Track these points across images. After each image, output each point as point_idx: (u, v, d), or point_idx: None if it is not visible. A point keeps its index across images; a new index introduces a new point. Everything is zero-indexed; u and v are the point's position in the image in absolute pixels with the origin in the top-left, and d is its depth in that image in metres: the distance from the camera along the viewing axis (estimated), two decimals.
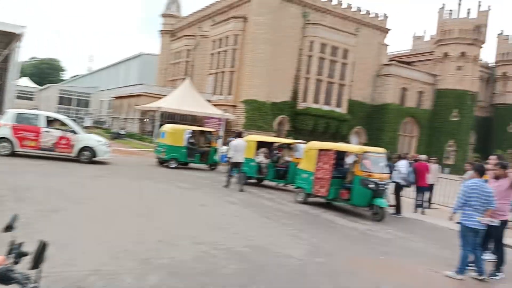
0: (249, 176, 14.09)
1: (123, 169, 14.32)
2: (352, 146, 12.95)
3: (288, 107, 32.62)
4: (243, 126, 28.54)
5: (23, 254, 1.86)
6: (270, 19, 30.11)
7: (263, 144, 14.80)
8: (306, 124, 32.30)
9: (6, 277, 1.75)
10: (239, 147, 12.60)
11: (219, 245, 6.18)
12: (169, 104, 27.47)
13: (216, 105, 30.95)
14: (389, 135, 36.50)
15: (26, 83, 65.67)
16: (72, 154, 14.16)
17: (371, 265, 6.30)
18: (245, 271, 5.22)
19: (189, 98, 28.30)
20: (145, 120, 33.48)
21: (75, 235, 5.93)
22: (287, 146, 14.91)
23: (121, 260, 5.07)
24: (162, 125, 19.70)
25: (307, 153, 11.61)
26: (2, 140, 13.40)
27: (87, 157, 14.21)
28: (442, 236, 9.31)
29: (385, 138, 36.00)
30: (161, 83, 43.04)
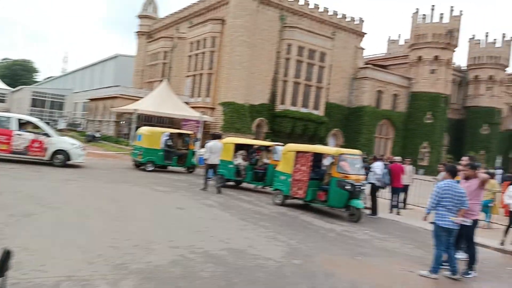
0: (227, 179, 14.04)
1: (98, 172, 14.05)
2: (329, 148, 13.09)
3: (266, 110, 32.73)
4: (221, 129, 28.43)
5: None
6: (248, 22, 30.18)
7: (241, 147, 14.77)
8: (284, 126, 32.47)
9: None
10: (214, 148, 12.55)
11: (196, 248, 6.13)
12: (145, 106, 27.13)
13: (194, 107, 30.77)
14: (366, 137, 37.07)
15: None
16: (45, 158, 13.82)
17: (347, 265, 6.36)
18: (222, 274, 5.18)
19: (166, 100, 28.04)
20: (121, 122, 32.96)
21: (47, 240, 5.77)
22: (265, 148, 14.93)
23: (95, 265, 4.95)
24: (138, 127, 19.44)
25: (285, 155, 11.65)
26: None
27: (61, 160, 13.89)
28: (417, 236, 9.50)
29: (362, 140, 36.55)
30: (137, 85, 42.49)
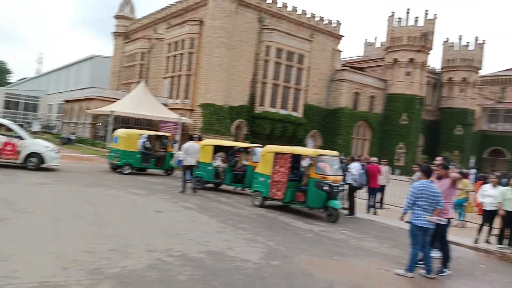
0: (206, 181, 13.99)
1: (73, 175, 13.75)
2: (307, 150, 13.18)
3: (246, 111, 32.74)
4: (200, 130, 28.27)
5: None
6: (227, 23, 30.14)
7: (220, 148, 14.73)
8: (263, 128, 32.54)
9: None
10: (190, 150, 12.50)
11: (173, 252, 6.07)
12: (122, 108, 26.73)
13: (173, 109, 30.50)
14: (343, 138, 37.51)
15: None
16: (18, 161, 13.46)
17: (325, 265, 6.42)
18: (200, 277, 5.15)
19: (144, 102, 27.68)
20: (97, 124, 32.37)
21: (20, 245, 5.63)
22: (244, 150, 14.93)
23: (69, 270, 4.86)
24: (115, 129, 19.14)
25: (263, 157, 11.68)
26: None
27: (34, 163, 13.56)
28: (393, 235, 9.66)
29: (340, 141, 36.97)
30: (114, 87, 41.86)
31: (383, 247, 8.27)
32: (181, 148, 13.70)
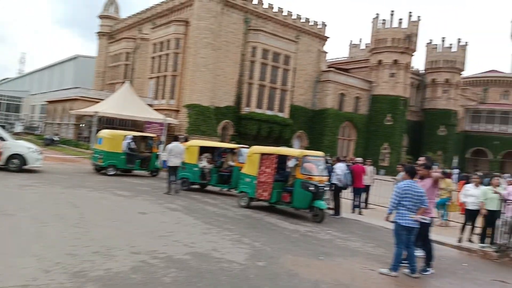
0: (192, 182, 13.92)
1: (56, 177, 13.53)
2: (293, 150, 13.22)
3: (232, 112, 32.69)
4: (186, 131, 28.12)
5: None
6: (212, 24, 30.06)
7: (206, 149, 14.67)
8: (249, 128, 32.53)
9: None
10: (175, 150, 12.44)
11: (158, 253, 6.02)
12: (107, 109, 26.43)
13: (158, 110, 30.29)
14: (329, 139, 37.75)
15: None
16: (0, 162, 13.19)
17: (311, 265, 6.44)
18: (185, 279, 5.12)
19: (128, 103, 27.41)
20: (81, 125, 31.96)
21: (1, 248, 5.52)
22: (230, 150, 14.90)
23: (52, 273, 4.78)
24: (99, 130, 18.91)
25: (250, 158, 11.67)
26: None
27: (16, 165, 13.33)
28: (378, 235, 9.75)
29: (325, 141, 37.20)
30: (98, 87, 41.36)
31: (367, 246, 8.34)
32: (165, 149, 13.62)
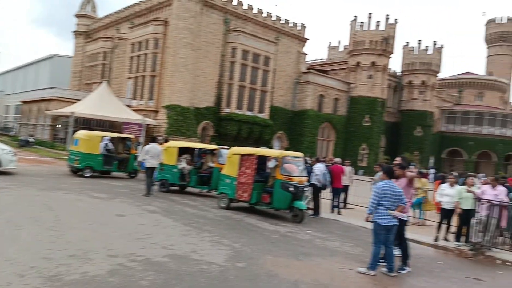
0: (172, 183, 13.79)
1: (31, 179, 13.19)
2: (273, 151, 13.25)
3: (212, 113, 32.56)
4: (165, 132, 27.85)
5: None
6: (192, 24, 29.87)
7: (185, 150, 14.55)
8: (230, 129, 32.47)
9: None
10: (152, 151, 12.32)
11: (136, 256, 5.93)
12: (84, 109, 25.92)
13: (136, 110, 29.88)
14: (309, 140, 38.03)
15: None
16: None
17: (290, 266, 6.45)
18: (163, 281, 5.05)
19: (106, 103, 26.94)
20: (57, 126, 31.25)
21: None
22: (210, 151, 14.83)
23: (27, 278, 4.66)
24: (76, 131, 18.53)
25: (230, 159, 11.63)
26: None
27: None
28: (356, 234, 9.85)
29: (305, 142, 37.46)
30: (75, 87, 40.57)
31: (346, 246, 8.42)
32: (141, 150, 13.47)
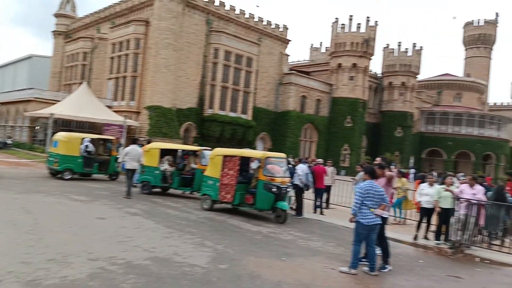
0: (154, 185, 13.65)
1: (9, 182, 12.88)
2: (256, 152, 13.25)
3: (195, 114, 32.39)
4: (147, 133, 27.59)
5: None
6: (174, 25, 29.67)
7: (167, 152, 14.43)
8: (213, 130, 32.36)
9: None
10: (132, 153, 12.21)
11: (117, 259, 5.85)
12: (63, 110, 25.48)
13: (118, 111, 29.53)
14: (292, 141, 38.20)
15: None
16: None
17: (273, 266, 6.46)
18: (145, 284, 5.00)
19: (86, 104, 26.56)
20: (36, 128, 30.64)
21: None
22: (192, 153, 14.74)
23: (3, 283, 4.56)
24: (55, 133, 18.19)
25: (212, 160, 11.59)
26: None
27: None
28: (339, 234, 9.93)
29: (288, 143, 37.61)
30: (54, 88, 39.85)
31: (328, 246, 8.48)
32: (121, 151, 13.30)
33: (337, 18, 41.51)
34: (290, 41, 39.57)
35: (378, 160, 7.40)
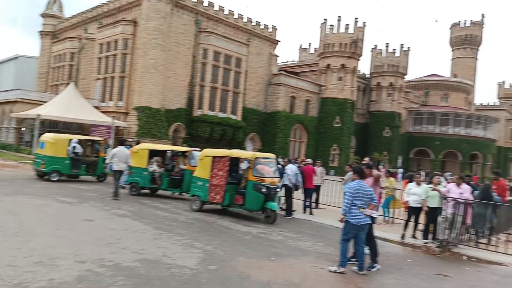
0: (142, 187, 13.55)
1: None
2: (245, 152, 13.24)
3: (184, 115, 32.23)
4: (136, 134, 27.38)
5: None
6: (162, 25, 29.50)
7: (156, 153, 14.34)
8: (202, 131, 32.24)
9: None
10: (119, 154, 12.13)
11: (105, 261, 5.80)
12: (50, 111, 25.16)
13: (106, 112, 29.24)
14: (281, 141, 38.26)
15: None
16: None
17: (263, 267, 6.46)
18: (133, 286, 4.96)
19: (73, 105, 26.25)
20: (22, 129, 30.23)
21: None
22: (182, 154, 14.68)
23: None
24: (42, 134, 17.96)
25: (202, 161, 11.56)
26: None
27: None
28: (328, 234, 9.97)
29: (278, 143, 37.66)
30: (41, 89, 39.35)
31: (318, 245, 8.51)
32: (109, 153, 13.20)
33: (325, 19, 41.73)
34: (279, 41, 39.66)
35: (366, 160, 7.46)
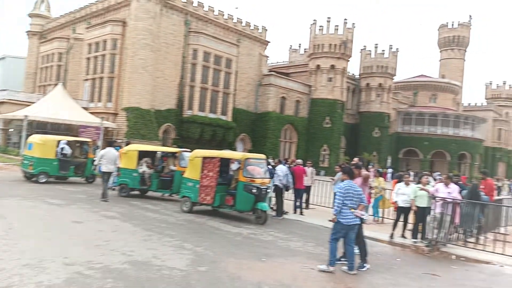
0: (132, 188, 13.46)
1: None
2: (235, 153, 13.24)
3: (174, 115, 32.08)
4: (125, 135, 27.18)
5: None
6: (151, 25, 29.34)
7: (146, 154, 14.25)
8: (192, 132, 32.12)
9: None
10: (107, 156, 12.05)
11: (94, 264, 5.74)
12: (38, 112, 24.87)
13: (94, 113, 28.98)
14: (272, 142, 38.29)
15: None
16: None
17: (253, 268, 6.46)
18: None
19: (62, 105, 26.00)
20: (10, 130, 29.82)
21: None
22: (172, 155, 14.60)
23: None
24: (30, 135, 17.73)
25: (192, 162, 11.51)
26: None
27: None
28: (318, 234, 10.00)
29: (268, 144, 37.68)
30: (29, 89, 38.86)
31: (308, 246, 8.54)
32: (97, 154, 13.09)
33: (315, 20, 41.86)
34: (269, 42, 39.70)
35: (356, 160, 7.51)
